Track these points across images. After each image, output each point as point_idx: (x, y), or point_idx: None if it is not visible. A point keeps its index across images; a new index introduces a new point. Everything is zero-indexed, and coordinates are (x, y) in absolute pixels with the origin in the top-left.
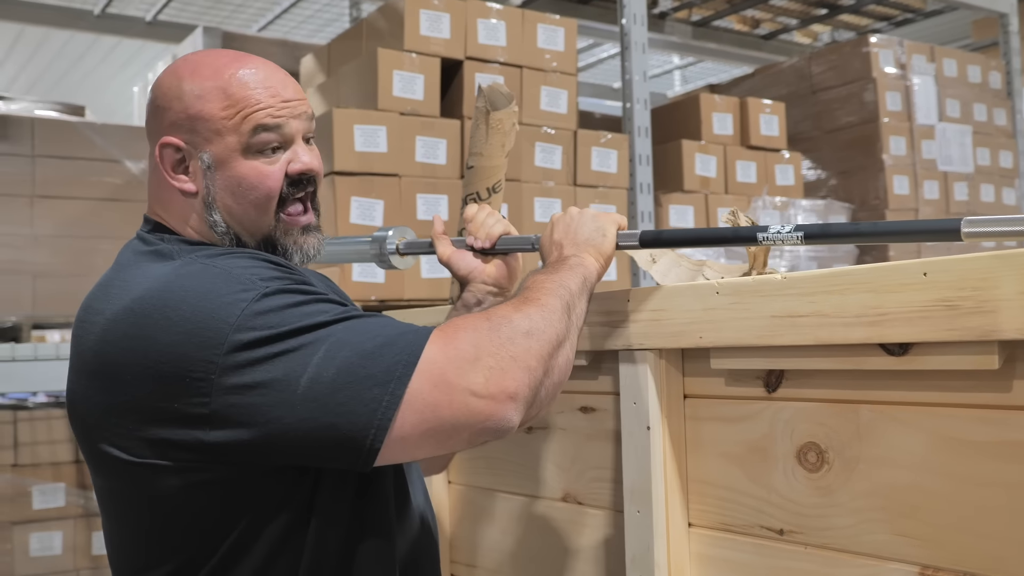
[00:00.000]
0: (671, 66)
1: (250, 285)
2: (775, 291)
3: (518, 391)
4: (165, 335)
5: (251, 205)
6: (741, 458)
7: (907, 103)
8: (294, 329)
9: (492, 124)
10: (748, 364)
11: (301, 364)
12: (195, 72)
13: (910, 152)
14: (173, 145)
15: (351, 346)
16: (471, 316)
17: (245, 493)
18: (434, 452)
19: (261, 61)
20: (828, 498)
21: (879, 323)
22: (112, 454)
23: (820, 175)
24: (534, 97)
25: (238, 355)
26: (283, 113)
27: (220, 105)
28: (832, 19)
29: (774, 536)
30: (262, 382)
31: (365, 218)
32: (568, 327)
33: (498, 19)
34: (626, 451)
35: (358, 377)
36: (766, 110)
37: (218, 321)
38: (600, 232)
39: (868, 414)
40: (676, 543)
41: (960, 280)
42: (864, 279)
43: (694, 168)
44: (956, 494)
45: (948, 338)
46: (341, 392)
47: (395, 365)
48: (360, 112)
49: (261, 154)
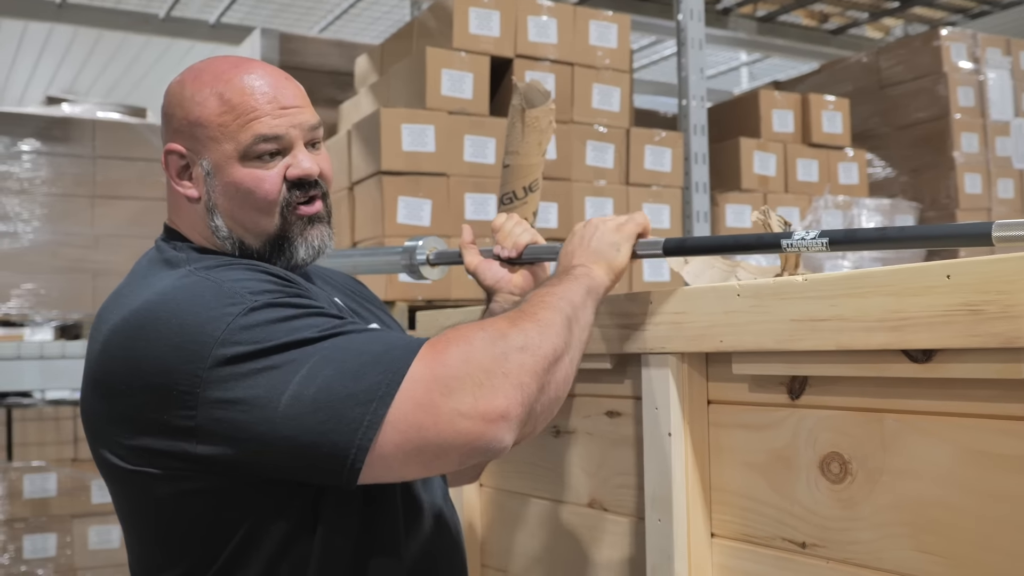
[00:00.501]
0: (738, 63)
1: (239, 299)
2: (796, 294)
3: (509, 409)
4: (154, 347)
5: (251, 209)
6: (764, 467)
7: (980, 98)
8: (279, 345)
9: (528, 122)
10: (769, 369)
11: (283, 381)
12: (196, 79)
13: (983, 149)
14: (177, 151)
15: (335, 364)
16: (465, 327)
17: (242, 501)
18: (423, 473)
19: (263, 67)
20: (851, 511)
21: (901, 328)
22: (112, 461)
23: (889, 173)
24: (586, 95)
25: (222, 369)
26: (281, 121)
27: (217, 111)
28: (904, 12)
29: (796, 549)
30: (244, 399)
31: (412, 218)
32: (568, 340)
33: (549, 16)
34: (647, 458)
35: (339, 396)
36: (829, 106)
37: (204, 335)
38: (614, 246)
39: (892, 424)
40: (698, 553)
41: (984, 283)
42: (886, 282)
43: (752, 166)
44: (982, 510)
45: (972, 344)
46: (322, 411)
47: (378, 384)
48: (408, 111)
49: (259, 159)
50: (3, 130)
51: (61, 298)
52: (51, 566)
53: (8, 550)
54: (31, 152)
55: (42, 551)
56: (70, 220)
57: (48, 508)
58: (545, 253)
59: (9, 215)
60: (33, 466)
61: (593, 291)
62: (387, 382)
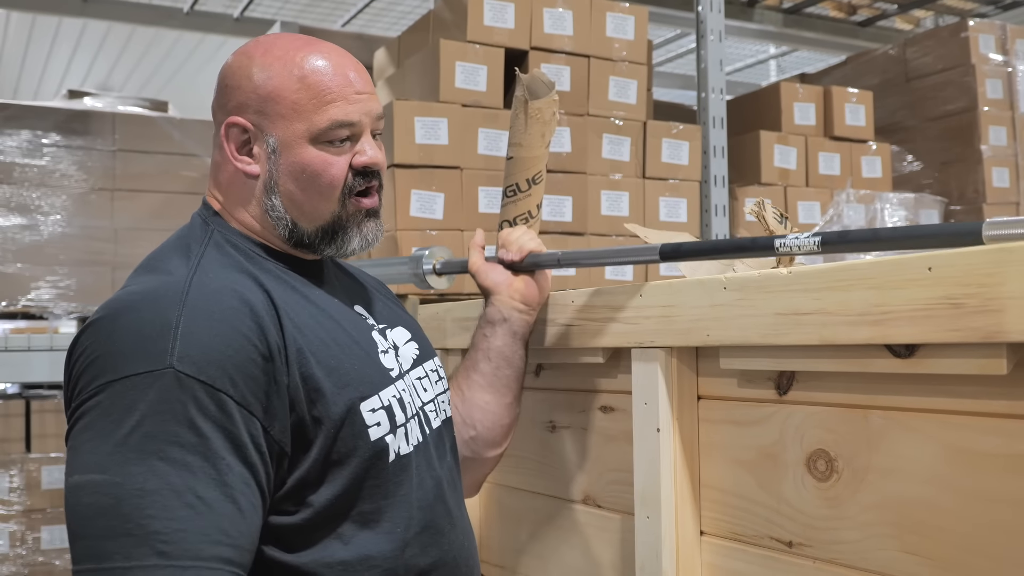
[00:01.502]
0: (766, 56)
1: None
2: (781, 287)
3: None
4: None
5: (315, 192)
6: (753, 464)
7: (1009, 91)
8: (126, 440)
9: (531, 113)
10: (756, 364)
11: (94, 464)
12: (267, 53)
13: (1011, 143)
14: (240, 125)
15: (127, 505)
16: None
17: None
18: None
19: (332, 48)
20: (837, 510)
21: (883, 322)
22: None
23: (916, 167)
24: (602, 87)
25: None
26: (356, 108)
27: (292, 89)
28: (934, 3)
29: (783, 548)
30: (73, 446)
31: (425, 211)
32: None
33: (565, 8)
34: (637, 454)
35: (101, 535)
36: (852, 99)
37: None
38: None
39: (878, 420)
40: (686, 552)
41: (965, 276)
42: (868, 275)
43: (772, 160)
44: (965, 510)
45: (953, 339)
46: (88, 529)
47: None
48: (421, 104)
49: (330, 144)
50: (25, 123)
51: (81, 291)
52: (68, 557)
53: (26, 540)
54: (52, 145)
55: (60, 542)
56: (90, 213)
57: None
58: (547, 259)
59: (30, 208)
60: (52, 457)
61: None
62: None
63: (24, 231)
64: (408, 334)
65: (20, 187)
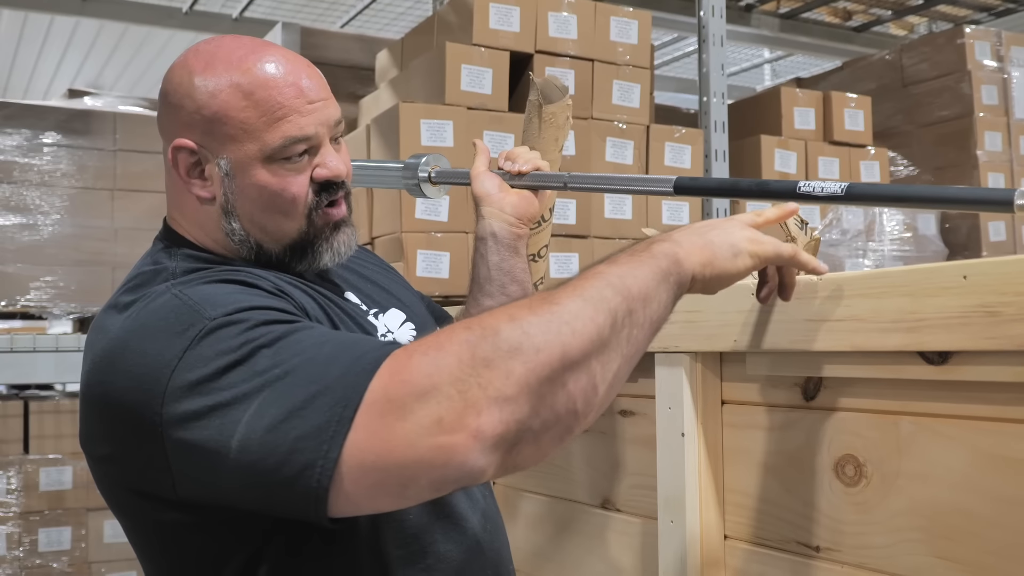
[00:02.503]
0: (760, 60)
1: (197, 319)
2: (811, 293)
3: (482, 428)
4: (121, 380)
5: (276, 212)
6: (778, 469)
7: (1004, 97)
8: (230, 381)
9: (545, 118)
10: (783, 370)
11: (232, 421)
12: (208, 66)
13: (1007, 148)
14: (187, 148)
15: (284, 399)
16: (456, 326)
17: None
18: (396, 505)
19: (281, 52)
20: (866, 515)
21: (916, 329)
22: (114, 494)
23: (912, 172)
24: (606, 91)
25: (177, 408)
26: (310, 119)
27: (239, 107)
28: (928, 10)
29: (810, 553)
30: (198, 443)
31: (430, 213)
32: (607, 338)
33: (569, 12)
34: (661, 458)
35: (289, 438)
36: (851, 104)
37: (160, 366)
38: (732, 248)
39: (908, 427)
40: (710, 556)
41: (1002, 284)
42: (901, 282)
43: (773, 164)
44: (1000, 516)
45: (989, 347)
46: (272, 456)
47: (329, 421)
48: (426, 107)
49: (287, 161)
50: (25, 123)
51: (80, 291)
52: (66, 559)
53: (23, 543)
54: (52, 145)
55: (57, 544)
56: (90, 213)
57: (64, 501)
58: (552, 180)
59: (29, 207)
60: (49, 459)
61: (672, 276)
62: (338, 416)
63: (23, 230)
64: (402, 315)
65: (20, 186)
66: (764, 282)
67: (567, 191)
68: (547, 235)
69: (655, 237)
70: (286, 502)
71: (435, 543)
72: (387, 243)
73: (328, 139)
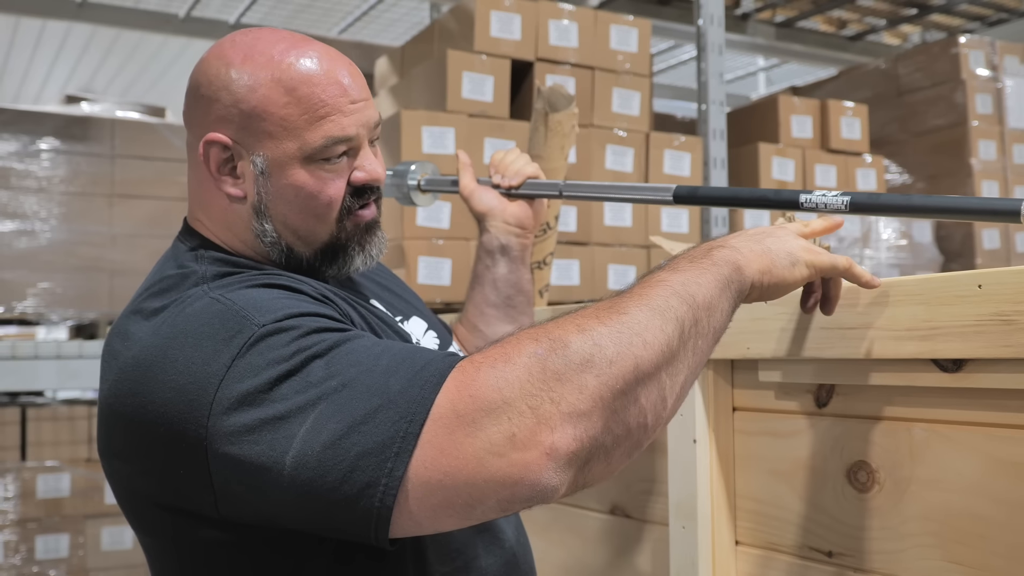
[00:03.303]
0: (755, 68)
1: (246, 325)
2: None
3: (557, 446)
4: (160, 391)
5: (310, 215)
6: (790, 475)
7: (998, 106)
8: (282, 393)
9: (551, 126)
10: (796, 377)
11: (287, 436)
12: (248, 59)
13: (1001, 157)
14: (220, 143)
15: (343, 413)
16: (514, 340)
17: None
18: (462, 523)
19: (321, 48)
20: (878, 520)
21: (931, 337)
22: (125, 501)
23: (907, 180)
24: (606, 99)
25: (224, 421)
26: (352, 120)
27: (280, 103)
28: (922, 19)
29: (822, 558)
30: (249, 458)
31: (432, 220)
32: (675, 348)
33: (570, 20)
34: (672, 464)
35: (349, 456)
36: (847, 112)
37: (207, 376)
38: (790, 257)
39: (921, 433)
40: (722, 561)
41: (1018, 293)
42: (916, 291)
43: (771, 171)
44: (1012, 521)
45: (1004, 355)
46: (331, 474)
47: (393, 437)
48: (428, 114)
49: (326, 162)
50: (22, 128)
51: (78, 297)
52: (63, 567)
53: (20, 550)
54: (50, 151)
55: (54, 551)
56: (88, 219)
57: (61, 508)
58: (545, 189)
59: (27, 213)
60: (47, 466)
61: (734, 284)
62: (403, 432)
63: (20, 237)
64: (424, 323)
65: (17, 192)
66: (810, 292)
67: (561, 197)
68: (552, 242)
69: (714, 242)
70: (344, 522)
71: (477, 558)
72: (389, 250)
73: (367, 141)
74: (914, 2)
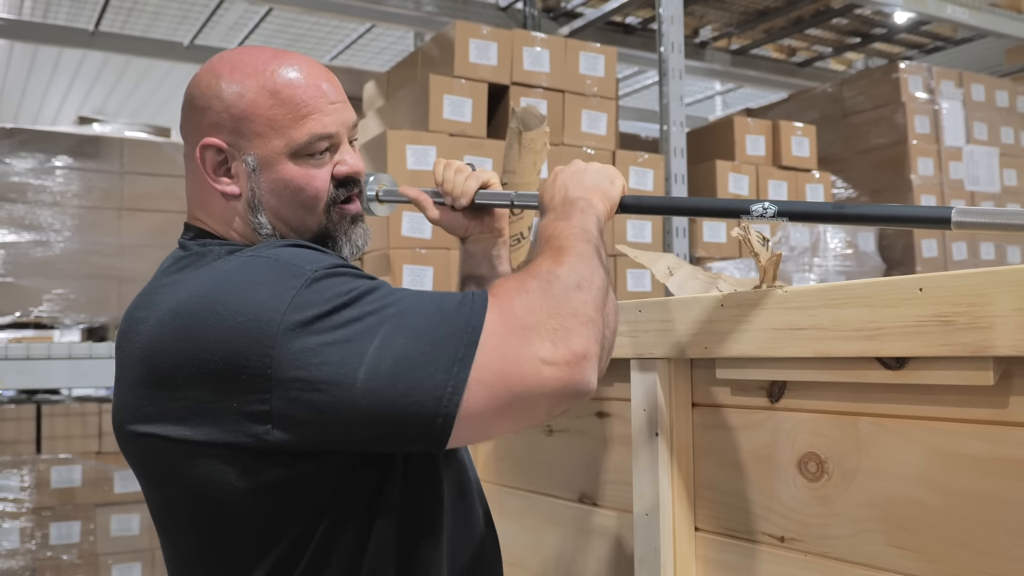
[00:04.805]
0: (712, 92)
1: (299, 271)
2: (776, 304)
3: (588, 348)
4: (215, 331)
5: (299, 206)
6: (746, 466)
7: (935, 126)
8: (347, 316)
9: (524, 144)
10: (750, 375)
11: (357, 354)
12: (235, 69)
13: (938, 172)
14: (214, 146)
15: (408, 329)
16: (516, 277)
17: (299, 496)
18: (513, 428)
19: (301, 58)
20: (827, 507)
21: (876, 337)
22: (166, 464)
23: (851, 194)
24: (575, 120)
25: (291, 345)
26: (332, 119)
27: (266, 105)
28: (865, 47)
29: (775, 543)
30: (319, 377)
31: (415, 231)
32: (605, 271)
33: (542, 47)
34: (636, 456)
35: (418, 363)
36: (797, 132)
37: (269, 311)
38: (608, 179)
39: (867, 427)
40: (682, 546)
41: (956, 296)
42: (861, 293)
43: (727, 187)
44: (952, 508)
45: (943, 353)
46: (402, 381)
47: (456, 346)
48: (412, 133)
49: (310, 157)
50: (38, 147)
51: (89, 302)
52: (75, 552)
53: (35, 536)
54: (63, 168)
55: (67, 538)
56: (98, 231)
57: (73, 497)
58: (497, 199)
59: (42, 225)
60: (60, 458)
61: (600, 223)
62: (465, 342)
63: (36, 247)
64: None
65: (33, 206)
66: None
67: (514, 207)
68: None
69: (567, 196)
70: (412, 427)
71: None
72: (376, 259)
73: (346, 139)
74: (858, 31)
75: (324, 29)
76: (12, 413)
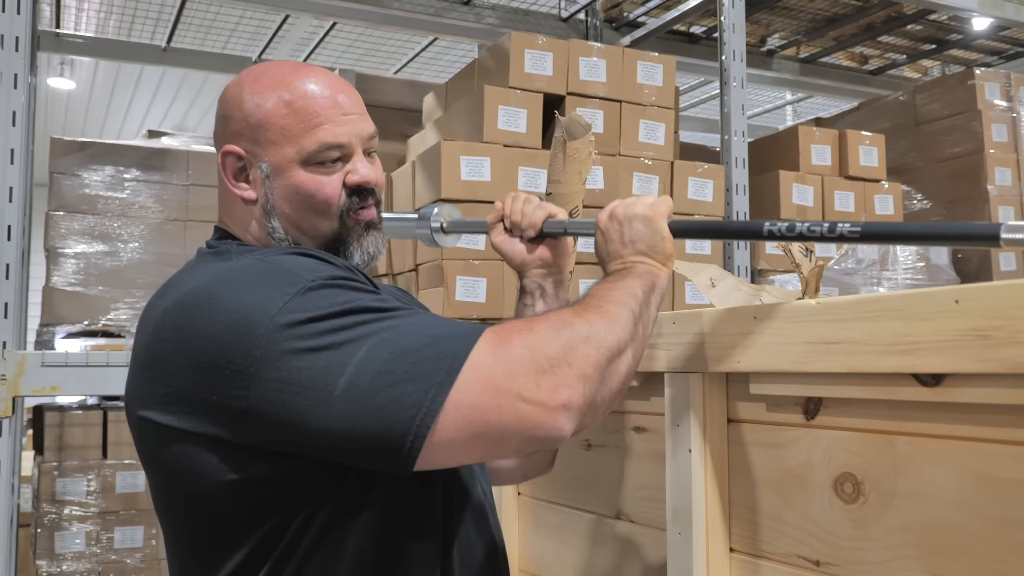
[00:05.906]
0: (783, 101)
1: (296, 279)
2: (809, 317)
3: (571, 400)
4: (208, 325)
5: (310, 212)
6: (781, 485)
7: (1014, 134)
8: (334, 328)
9: (569, 153)
10: (785, 390)
11: (340, 363)
12: (256, 81)
13: (1016, 183)
14: (235, 153)
15: (393, 346)
16: (529, 319)
17: (276, 492)
18: (480, 459)
19: (321, 72)
20: (863, 531)
21: (910, 352)
22: (157, 449)
23: (925, 205)
24: (633, 129)
25: (276, 347)
26: (344, 129)
27: (280, 115)
28: (941, 54)
29: (811, 567)
30: (299, 380)
31: (468, 241)
32: (632, 334)
33: (599, 57)
34: (669, 473)
35: (397, 380)
36: (865, 141)
37: (259, 312)
38: (659, 234)
39: (904, 446)
40: (716, 568)
41: (992, 309)
42: (896, 306)
43: (791, 197)
44: (992, 535)
45: (981, 370)
46: (379, 395)
47: (437, 369)
48: (466, 144)
49: (321, 165)
50: (109, 160)
51: None
52: (139, 556)
53: (101, 540)
54: (132, 180)
55: (131, 542)
56: (165, 241)
57: (137, 503)
58: (559, 228)
59: (111, 236)
60: (125, 464)
61: (657, 288)
62: (447, 367)
63: (106, 257)
64: None
65: (103, 217)
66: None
67: (568, 235)
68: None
69: (627, 261)
70: (380, 443)
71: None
72: (429, 270)
73: (361, 150)
74: (933, 38)
75: (392, 43)
76: (80, 419)
